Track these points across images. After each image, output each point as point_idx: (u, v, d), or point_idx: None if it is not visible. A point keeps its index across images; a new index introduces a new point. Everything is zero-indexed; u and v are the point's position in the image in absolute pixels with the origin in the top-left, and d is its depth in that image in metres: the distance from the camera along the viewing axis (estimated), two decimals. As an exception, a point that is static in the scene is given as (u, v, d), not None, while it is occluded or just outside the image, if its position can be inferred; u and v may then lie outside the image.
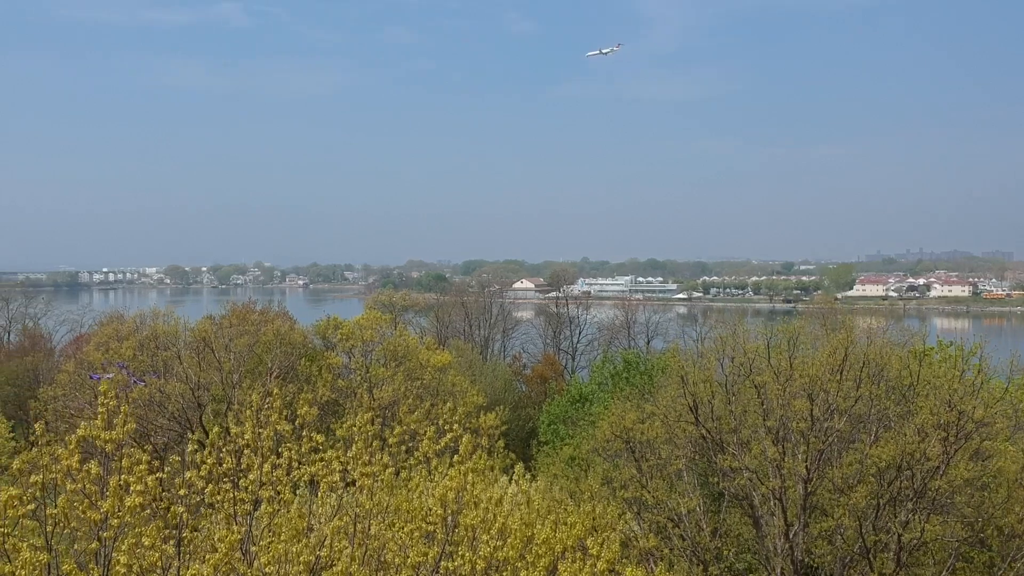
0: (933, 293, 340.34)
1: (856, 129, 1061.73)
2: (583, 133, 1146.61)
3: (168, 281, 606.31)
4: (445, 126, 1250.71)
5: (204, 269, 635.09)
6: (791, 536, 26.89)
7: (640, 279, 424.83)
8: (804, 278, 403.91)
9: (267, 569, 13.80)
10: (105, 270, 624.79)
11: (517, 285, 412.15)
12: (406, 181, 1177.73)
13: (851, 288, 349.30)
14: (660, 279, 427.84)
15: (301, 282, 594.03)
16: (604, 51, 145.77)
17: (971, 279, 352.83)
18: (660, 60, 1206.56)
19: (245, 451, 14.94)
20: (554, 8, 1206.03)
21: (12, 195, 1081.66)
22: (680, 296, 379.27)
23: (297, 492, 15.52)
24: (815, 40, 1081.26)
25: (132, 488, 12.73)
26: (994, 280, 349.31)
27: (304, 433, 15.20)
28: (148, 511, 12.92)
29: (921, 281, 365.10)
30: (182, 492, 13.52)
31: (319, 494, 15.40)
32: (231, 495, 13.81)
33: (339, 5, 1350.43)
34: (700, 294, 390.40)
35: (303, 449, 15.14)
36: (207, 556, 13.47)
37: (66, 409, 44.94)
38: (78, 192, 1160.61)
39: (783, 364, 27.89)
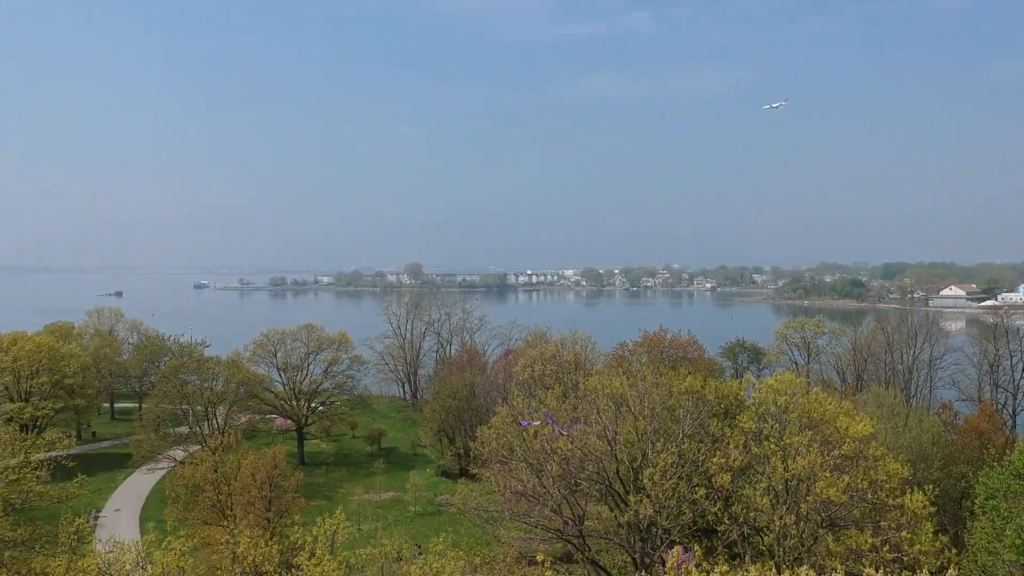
0: None
1: None
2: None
3: (584, 283, 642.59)
4: (859, 117, 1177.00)
5: (616, 271, 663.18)
6: None
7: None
8: None
9: None
10: (529, 272, 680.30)
11: (945, 292, 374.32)
12: (816, 178, 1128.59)
13: None
14: None
15: (708, 285, 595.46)
16: (774, 105, 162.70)
17: None
18: None
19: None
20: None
21: (450, 206, 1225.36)
22: None
23: None
24: None
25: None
26: None
27: None
28: None
29: None
30: None
31: None
32: None
33: (747, 1, 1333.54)
34: None
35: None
36: None
37: (500, 450, 49.74)
38: (509, 198, 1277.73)
39: None
